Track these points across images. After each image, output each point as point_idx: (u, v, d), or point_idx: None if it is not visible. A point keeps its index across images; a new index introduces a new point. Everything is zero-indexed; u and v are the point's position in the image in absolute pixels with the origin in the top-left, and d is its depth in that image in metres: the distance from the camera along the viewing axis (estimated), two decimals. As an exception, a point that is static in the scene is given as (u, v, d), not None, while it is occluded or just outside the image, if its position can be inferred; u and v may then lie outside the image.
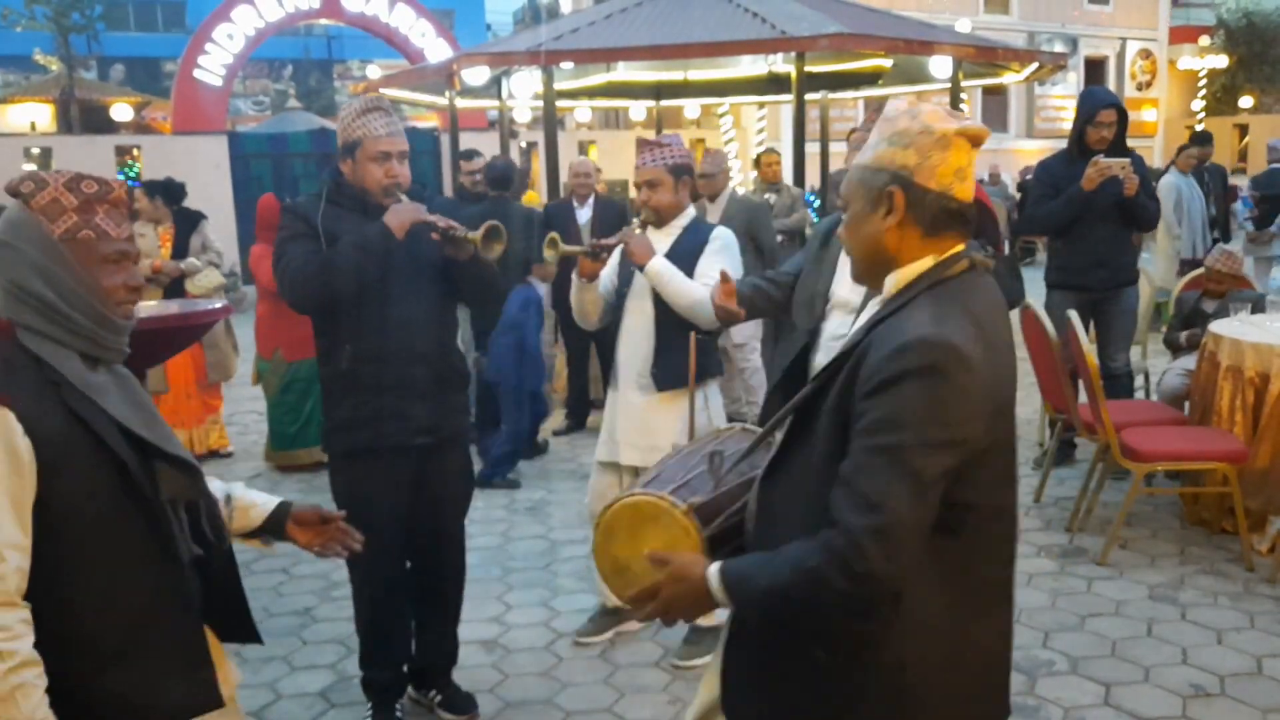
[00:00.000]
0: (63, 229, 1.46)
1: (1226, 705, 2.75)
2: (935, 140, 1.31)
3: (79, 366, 1.46)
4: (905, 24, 7.75)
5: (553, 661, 3.13)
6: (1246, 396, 3.78)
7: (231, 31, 12.98)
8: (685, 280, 2.85)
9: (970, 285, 1.32)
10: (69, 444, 1.41)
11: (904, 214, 1.32)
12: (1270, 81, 22.05)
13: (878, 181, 1.34)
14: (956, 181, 1.32)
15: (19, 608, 1.36)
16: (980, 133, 1.34)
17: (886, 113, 1.37)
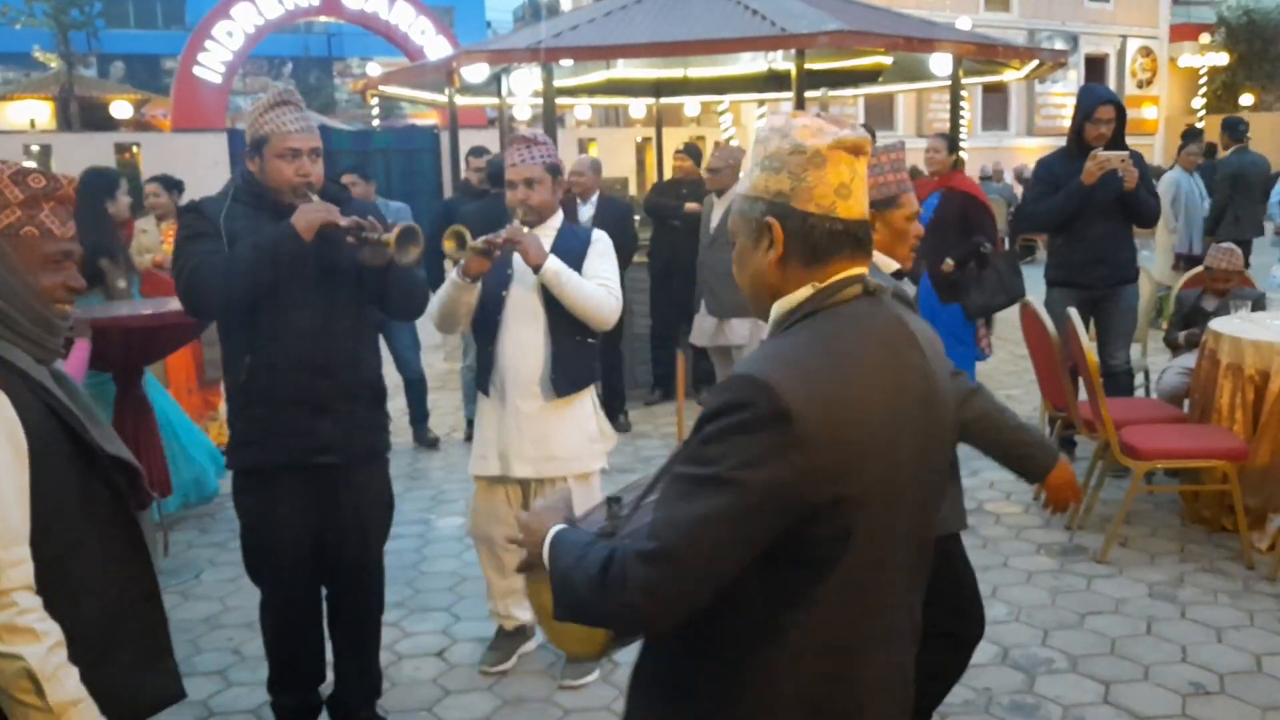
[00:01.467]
0: (4, 224, 1.42)
1: (1226, 703, 2.75)
2: (808, 159, 1.19)
3: (32, 362, 1.42)
4: (905, 21, 7.74)
5: (551, 659, 3.13)
6: (1246, 394, 3.78)
7: (231, 29, 12.97)
8: (583, 280, 2.77)
9: (853, 314, 1.20)
10: (47, 434, 1.38)
11: (784, 245, 1.21)
12: (1271, 79, 22.02)
13: (755, 212, 1.23)
14: (839, 200, 1.20)
15: (37, 595, 1.34)
16: (859, 142, 1.21)
17: (759, 133, 1.26)
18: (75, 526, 1.42)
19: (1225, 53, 21.21)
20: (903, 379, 1.20)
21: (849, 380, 1.14)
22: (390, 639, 3.29)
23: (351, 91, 23.93)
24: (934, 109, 17.16)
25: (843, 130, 1.21)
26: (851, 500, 1.13)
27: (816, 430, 1.09)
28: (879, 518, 1.17)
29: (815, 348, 1.17)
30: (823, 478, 1.11)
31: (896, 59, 8.25)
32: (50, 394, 1.41)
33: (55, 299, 1.47)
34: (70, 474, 1.42)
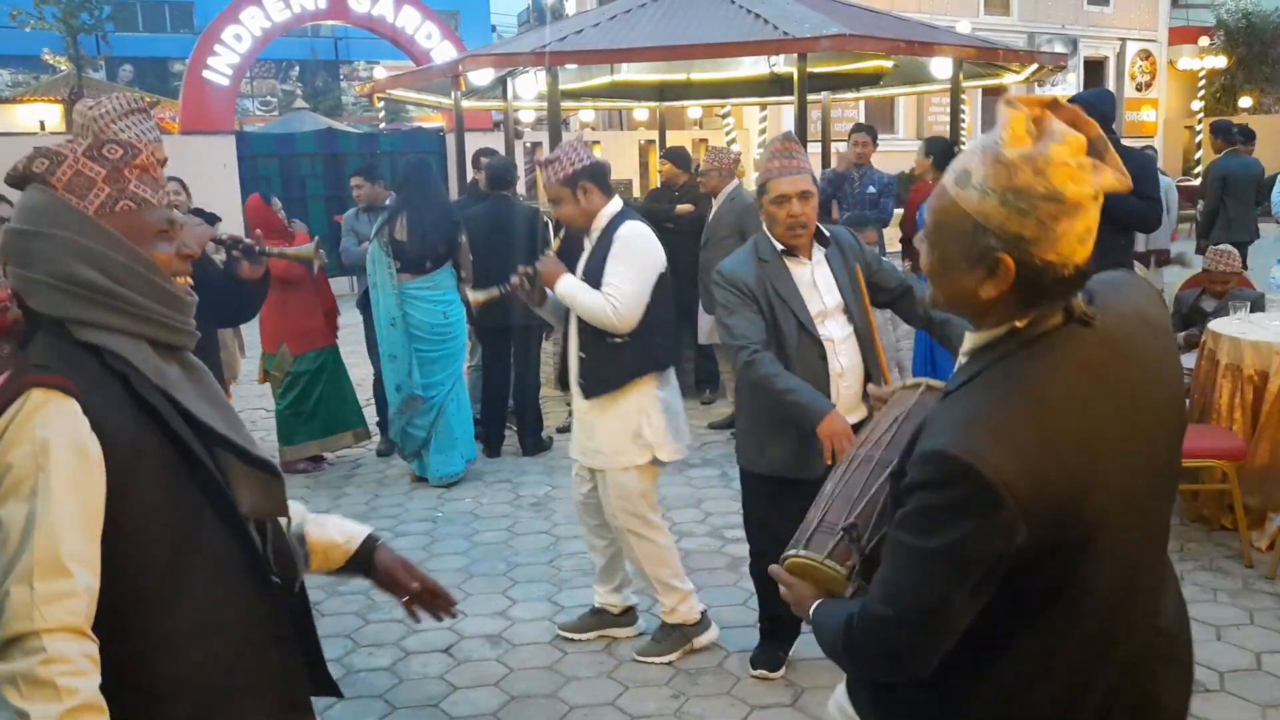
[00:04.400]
0: (97, 203, 1.24)
1: (1226, 701, 2.77)
2: (1062, 209, 1.05)
3: (151, 356, 1.25)
4: (906, 25, 7.77)
5: (557, 656, 3.16)
6: (1245, 394, 3.81)
7: (239, 32, 13.03)
8: (587, 293, 2.92)
9: (1050, 351, 1.11)
10: (140, 446, 1.19)
11: (1012, 285, 1.10)
12: (1269, 82, 22.01)
13: (983, 243, 1.09)
14: (1080, 247, 1.08)
15: (86, 639, 1.11)
16: (1118, 184, 1.08)
17: (998, 147, 1.08)
18: (174, 558, 1.21)
19: (1224, 56, 21.20)
20: (1112, 402, 1.12)
21: (1052, 431, 1.07)
22: (398, 635, 3.34)
23: (358, 94, 24.03)
24: (934, 112, 17.18)
25: (1099, 176, 1.07)
26: (1077, 539, 1.10)
27: (1029, 499, 1.05)
28: (1113, 540, 1.13)
29: (1012, 403, 1.09)
30: (1042, 535, 1.07)
31: (897, 62, 8.29)
32: (161, 395, 1.23)
33: (173, 272, 1.29)
34: (170, 493, 1.21)
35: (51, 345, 1.22)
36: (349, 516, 1.61)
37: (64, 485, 1.12)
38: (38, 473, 1.11)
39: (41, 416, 1.13)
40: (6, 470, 1.12)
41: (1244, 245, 7.33)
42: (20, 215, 1.24)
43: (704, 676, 3.01)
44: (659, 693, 2.92)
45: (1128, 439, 1.12)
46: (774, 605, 2.99)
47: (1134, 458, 1.13)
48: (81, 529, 1.12)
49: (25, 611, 1.08)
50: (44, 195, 1.23)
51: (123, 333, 1.23)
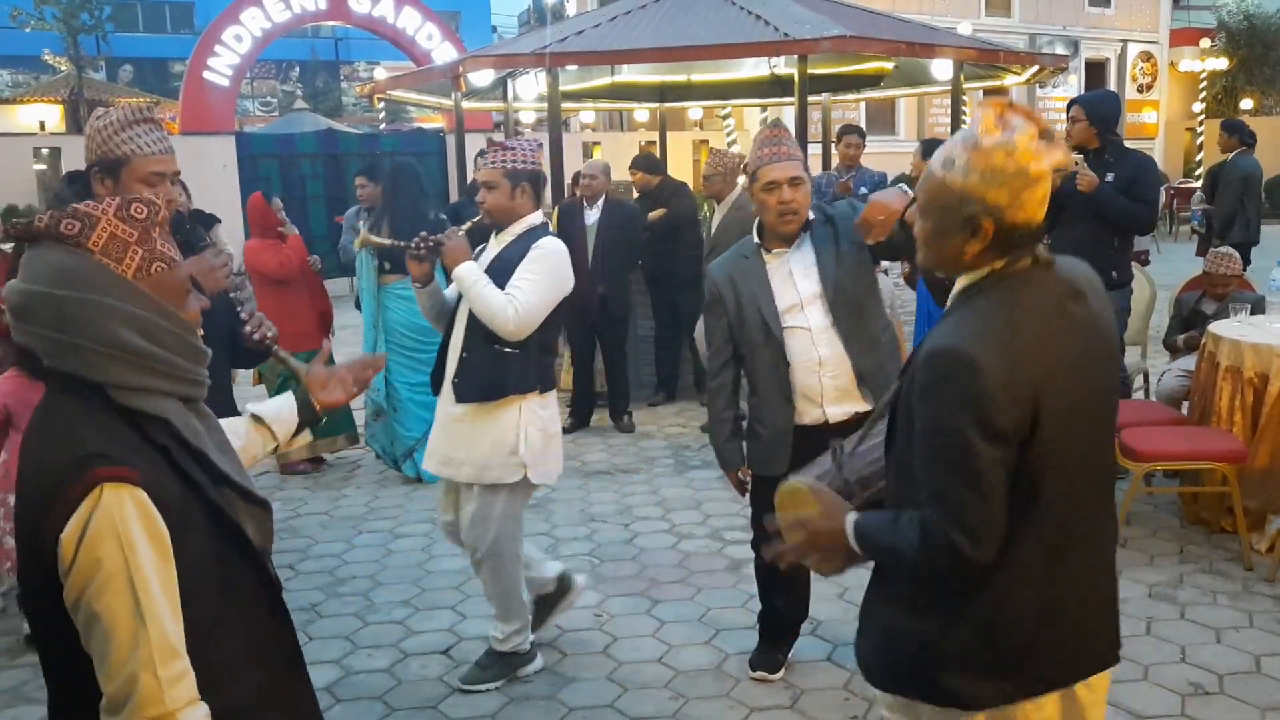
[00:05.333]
0: (133, 267, 1.25)
1: (1225, 704, 2.78)
2: (1028, 181, 1.39)
3: (183, 416, 1.31)
4: (907, 27, 7.77)
5: (556, 657, 3.16)
6: (1246, 397, 3.80)
7: (239, 33, 13.03)
8: (489, 288, 2.74)
9: (1024, 282, 1.44)
10: (188, 510, 1.26)
11: (990, 242, 1.43)
12: (1271, 84, 22.00)
13: (968, 211, 1.42)
14: (1040, 208, 1.42)
15: (202, 705, 1.24)
16: (1065, 161, 1.42)
17: (979, 137, 1.41)
18: (219, 608, 1.30)
19: (1225, 57, 21.18)
20: (1070, 326, 1.44)
21: (1029, 337, 1.40)
22: (397, 637, 3.34)
23: (358, 95, 24.04)
24: (935, 114, 17.17)
25: (1052, 154, 1.40)
26: (1044, 432, 1.39)
27: (1006, 384, 1.37)
28: (1071, 444, 1.43)
29: (995, 316, 1.42)
30: (1021, 416, 1.38)
31: (898, 64, 8.29)
32: (195, 460, 1.30)
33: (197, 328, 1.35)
34: (208, 551, 1.29)
35: (92, 418, 1.24)
36: (348, 518, 1.65)
37: (153, 573, 1.19)
38: (127, 567, 1.17)
39: (120, 512, 1.18)
40: (96, 566, 1.17)
41: (1252, 247, 7.35)
42: (51, 278, 1.22)
43: (703, 678, 3.00)
44: (658, 694, 2.92)
45: (1077, 354, 1.44)
46: (774, 607, 3.00)
47: (1080, 370, 1.44)
48: (174, 612, 1.22)
49: (156, 696, 1.18)
50: (81, 259, 1.23)
51: (160, 394, 1.28)
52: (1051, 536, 1.46)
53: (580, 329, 5.71)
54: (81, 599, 1.18)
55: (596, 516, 4.45)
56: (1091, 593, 1.55)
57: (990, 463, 1.38)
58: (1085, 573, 1.52)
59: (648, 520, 4.38)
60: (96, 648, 1.20)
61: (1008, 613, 1.47)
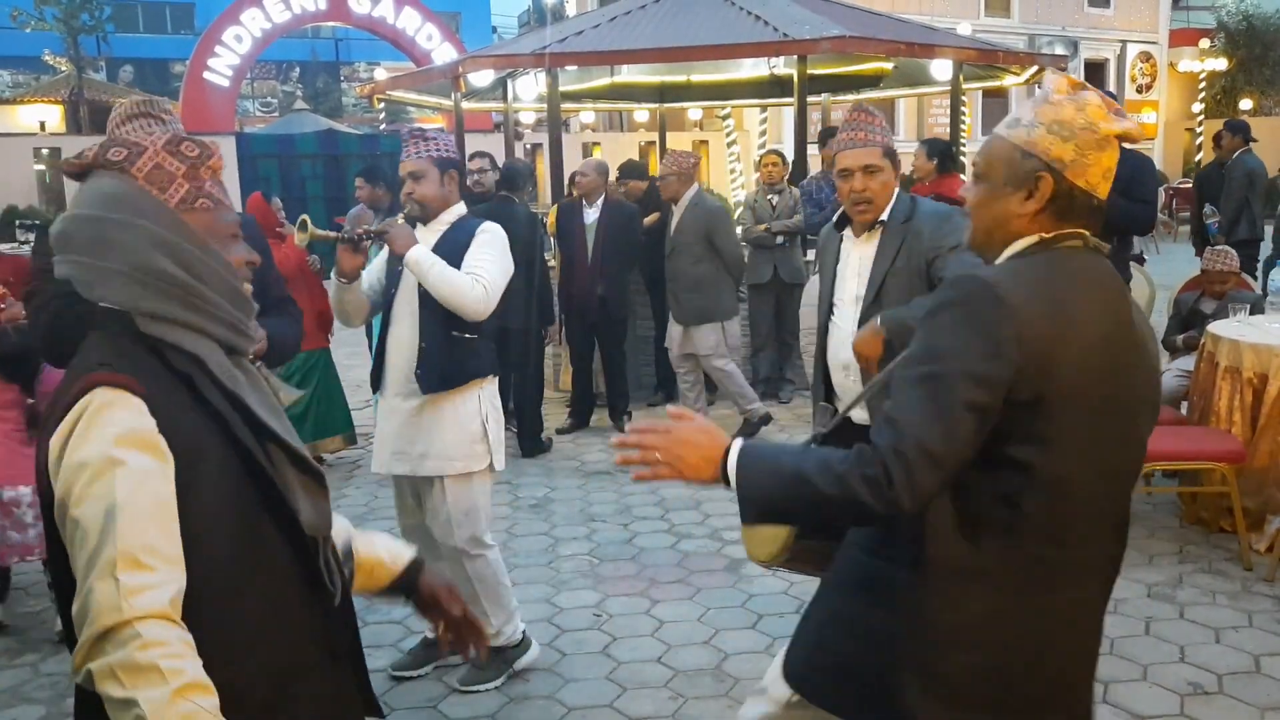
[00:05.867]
0: (177, 198, 1.22)
1: (1225, 703, 2.77)
2: (1097, 140, 1.32)
3: (222, 357, 1.23)
4: (906, 27, 7.77)
5: (555, 658, 3.16)
6: (1245, 397, 3.81)
7: (240, 33, 13.06)
8: (447, 268, 2.68)
9: (1068, 258, 1.32)
10: (204, 451, 1.17)
11: (1045, 203, 1.33)
12: (1270, 84, 22.02)
13: (1027, 166, 1.33)
14: (1103, 182, 1.34)
15: (179, 625, 1.07)
16: (1136, 134, 1.35)
17: (1048, 93, 1.35)
18: (233, 564, 1.18)
19: (1224, 58, 21.20)
20: (1115, 319, 1.32)
21: (1063, 302, 1.27)
22: (396, 637, 3.33)
23: (359, 96, 24.06)
24: (934, 114, 17.18)
25: (1127, 122, 1.33)
26: (1051, 403, 1.25)
27: (1029, 328, 1.23)
28: (1080, 436, 1.28)
29: (1035, 271, 1.31)
30: (1030, 373, 1.23)
31: (898, 64, 8.30)
32: (225, 397, 1.20)
33: (243, 276, 1.28)
34: (231, 499, 1.18)
35: (111, 343, 1.18)
36: (348, 517, 1.58)
37: (138, 481, 1.09)
38: (112, 469, 1.08)
39: (109, 414, 1.11)
40: (80, 469, 1.09)
41: (1257, 243, 7.36)
42: (94, 201, 1.19)
43: (702, 678, 3.00)
44: (657, 694, 2.92)
45: (1116, 347, 1.31)
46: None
47: (1114, 364, 1.30)
48: (159, 524, 1.09)
49: (112, 603, 1.04)
50: (124, 183, 1.20)
51: (195, 330, 1.21)
52: (1038, 547, 1.29)
53: (580, 329, 5.71)
54: (65, 509, 1.10)
55: (596, 516, 4.46)
56: (1074, 635, 1.36)
57: (968, 403, 1.22)
58: (1073, 608, 1.34)
59: (647, 520, 4.38)
60: (74, 561, 1.09)
61: (976, 634, 1.31)
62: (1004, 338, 1.22)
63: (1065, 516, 1.30)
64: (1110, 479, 1.34)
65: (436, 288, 2.68)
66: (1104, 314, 1.30)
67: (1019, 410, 1.24)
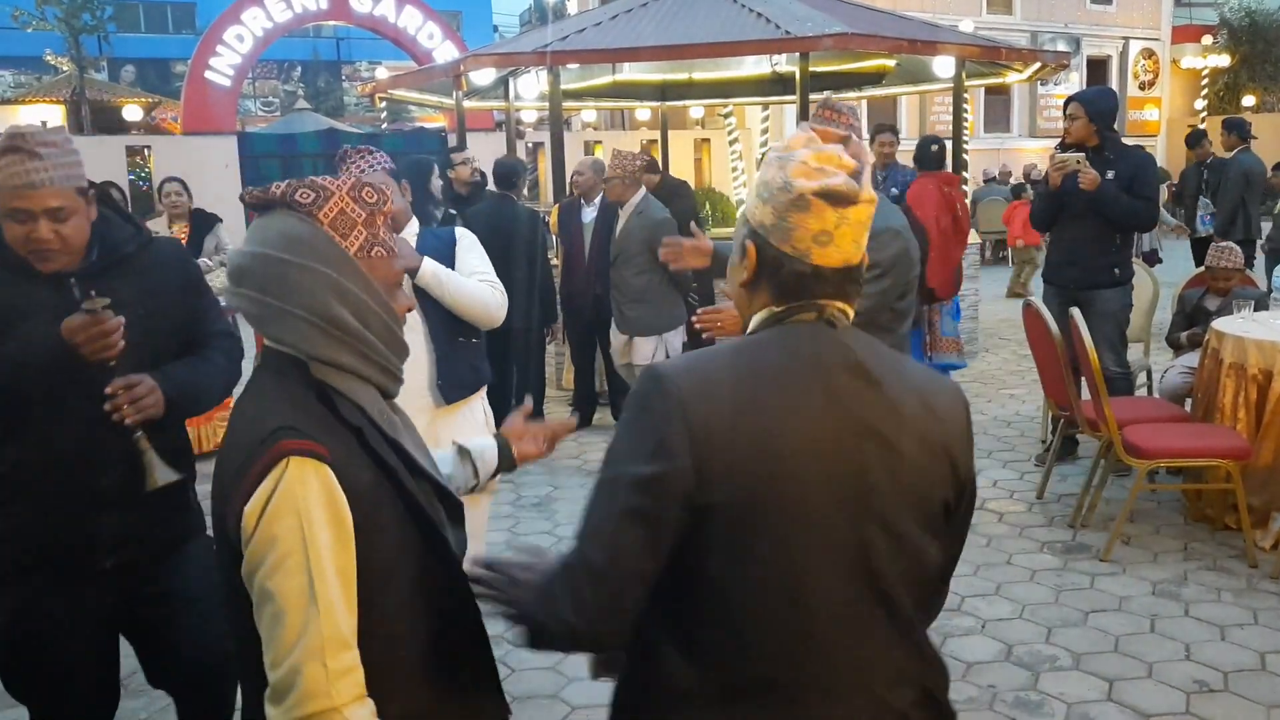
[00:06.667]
0: (356, 245, 1.25)
1: (1230, 701, 2.76)
2: (791, 200, 1.15)
3: (379, 404, 1.28)
4: (909, 24, 7.76)
5: (558, 656, 3.15)
6: (1249, 393, 3.80)
7: (241, 33, 13.06)
8: (461, 277, 2.63)
9: (790, 334, 1.17)
10: (380, 502, 1.20)
11: (754, 271, 1.19)
12: (1273, 80, 21.98)
13: (742, 231, 1.22)
14: (815, 246, 1.15)
15: (368, 703, 1.15)
16: (847, 193, 1.14)
17: (770, 148, 1.23)
18: (403, 611, 1.23)
19: (1227, 54, 21.18)
20: (830, 403, 1.13)
21: (753, 391, 1.12)
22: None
23: (360, 95, 24.08)
24: (937, 111, 17.17)
25: (833, 180, 1.14)
26: (735, 509, 1.09)
27: (702, 425, 1.09)
28: (782, 540, 1.10)
29: (728, 357, 1.16)
30: (705, 475, 1.08)
31: (900, 61, 8.28)
32: (390, 447, 1.25)
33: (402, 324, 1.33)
34: (402, 547, 1.23)
35: (284, 390, 1.21)
36: None
37: (331, 559, 1.13)
38: (305, 546, 1.12)
39: (303, 489, 1.14)
40: (272, 543, 1.13)
41: (1254, 243, 7.36)
42: (278, 242, 1.21)
43: (706, 677, 3.00)
44: (661, 693, 2.92)
45: (841, 450, 1.12)
46: None
47: (822, 461, 1.12)
48: (349, 603, 1.15)
49: (323, 689, 1.11)
50: (310, 228, 1.22)
51: (360, 378, 1.25)
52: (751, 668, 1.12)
53: (580, 327, 5.70)
54: (256, 576, 1.14)
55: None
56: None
57: (630, 510, 1.09)
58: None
59: (650, 519, 4.38)
60: (266, 630, 1.15)
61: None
62: (668, 434, 1.08)
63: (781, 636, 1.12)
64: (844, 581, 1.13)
65: (457, 298, 2.62)
66: (816, 399, 1.12)
67: (704, 516, 1.09)
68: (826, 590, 1.12)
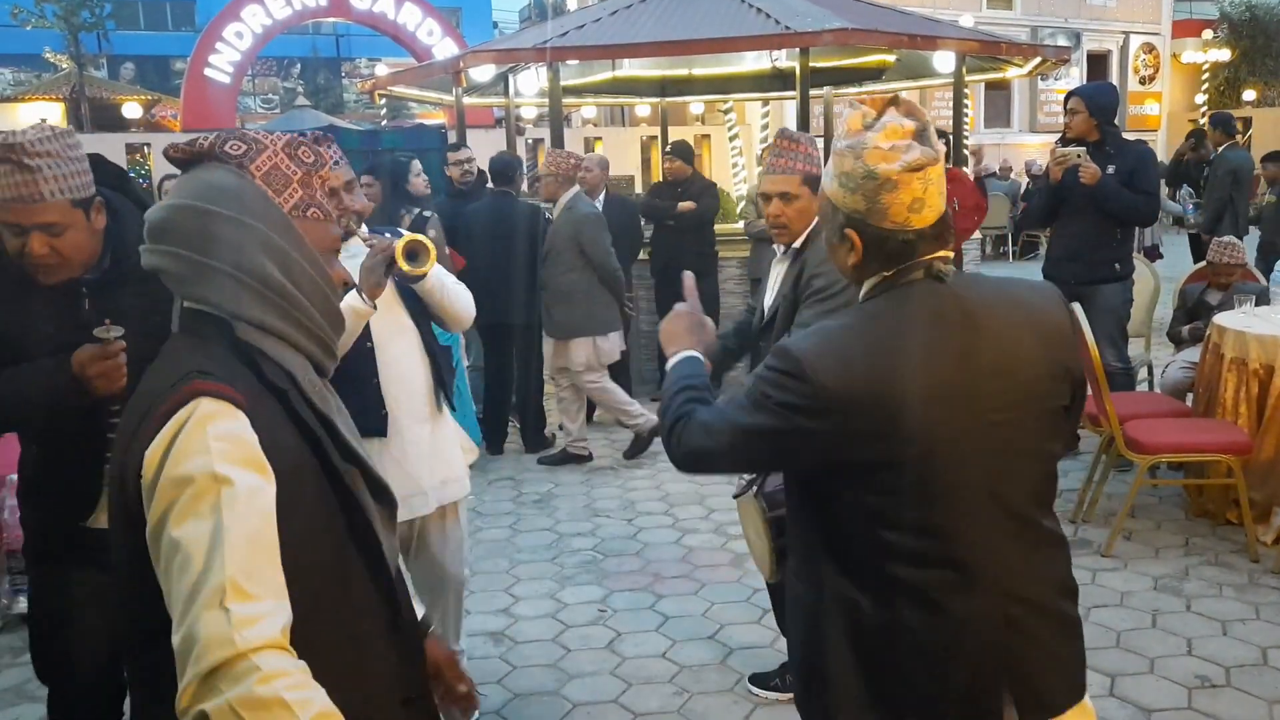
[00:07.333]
0: (290, 204, 1.16)
1: (1232, 696, 2.76)
2: (879, 185, 1.28)
3: (309, 374, 1.17)
4: (909, 19, 7.73)
5: (560, 653, 3.16)
6: (1251, 388, 3.79)
7: (240, 30, 13.05)
8: (450, 276, 2.48)
9: (906, 296, 1.32)
10: (300, 471, 1.10)
11: (862, 253, 1.34)
12: (1274, 75, 21.92)
13: (837, 221, 1.35)
14: (912, 215, 1.30)
15: (293, 654, 1.00)
16: (925, 161, 1.28)
17: (836, 141, 1.34)
18: (323, 593, 1.11)
19: (1228, 49, 21.13)
20: (949, 350, 1.30)
21: (876, 351, 1.28)
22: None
23: (360, 92, 24.06)
24: (937, 106, 17.14)
25: (910, 154, 1.27)
26: (897, 440, 1.26)
27: (839, 392, 1.26)
28: (940, 471, 1.28)
29: (856, 327, 1.33)
30: (859, 426, 1.26)
31: (900, 57, 8.26)
32: (318, 417, 1.15)
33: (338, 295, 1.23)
34: (322, 523, 1.12)
35: (203, 349, 1.11)
36: None
37: (246, 501, 1.01)
38: (218, 487, 1.01)
39: (214, 426, 1.03)
40: (181, 484, 1.01)
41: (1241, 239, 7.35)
42: (203, 193, 1.11)
43: (707, 673, 3.00)
44: (662, 689, 2.92)
45: (958, 385, 1.30)
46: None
47: (965, 403, 1.29)
48: (267, 549, 1.02)
49: (224, 636, 0.96)
50: (240, 180, 1.13)
51: (291, 344, 1.15)
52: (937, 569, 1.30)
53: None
54: (162, 527, 1.01)
55: (600, 511, 4.45)
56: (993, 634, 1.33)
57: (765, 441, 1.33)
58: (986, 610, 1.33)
59: (651, 515, 4.38)
60: (171, 585, 1.00)
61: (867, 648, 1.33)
62: (807, 402, 1.27)
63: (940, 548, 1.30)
64: (993, 489, 1.32)
65: (453, 300, 2.46)
66: (940, 348, 1.29)
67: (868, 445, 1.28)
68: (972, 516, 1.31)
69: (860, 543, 1.32)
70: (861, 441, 1.27)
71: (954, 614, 1.30)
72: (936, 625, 1.31)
